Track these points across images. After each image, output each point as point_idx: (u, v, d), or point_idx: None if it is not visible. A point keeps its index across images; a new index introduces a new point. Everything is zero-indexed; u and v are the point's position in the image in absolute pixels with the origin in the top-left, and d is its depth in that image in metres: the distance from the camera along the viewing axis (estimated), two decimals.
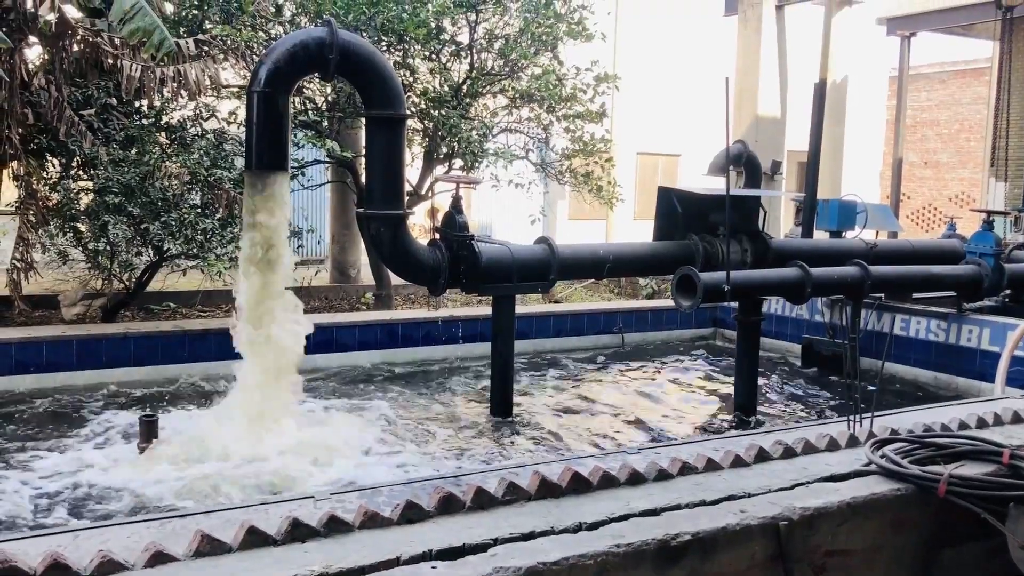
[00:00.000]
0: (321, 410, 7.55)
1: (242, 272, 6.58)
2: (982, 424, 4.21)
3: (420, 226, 15.62)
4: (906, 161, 19.13)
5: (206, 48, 9.38)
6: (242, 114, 8.88)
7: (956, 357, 9.08)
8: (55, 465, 6.11)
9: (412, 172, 11.13)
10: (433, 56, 11.01)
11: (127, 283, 9.75)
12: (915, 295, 9.85)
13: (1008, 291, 9.55)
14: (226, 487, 5.61)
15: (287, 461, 6.05)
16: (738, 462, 3.47)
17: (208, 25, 9.89)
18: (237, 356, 6.70)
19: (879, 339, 9.48)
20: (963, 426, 4.15)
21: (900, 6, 16.90)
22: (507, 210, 17.48)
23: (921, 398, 8.52)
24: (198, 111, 9.92)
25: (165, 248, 9.29)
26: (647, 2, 20.04)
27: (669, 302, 8.39)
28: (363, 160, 8.07)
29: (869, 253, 8.89)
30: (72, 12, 8.82)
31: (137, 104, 9.50)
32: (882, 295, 9.56)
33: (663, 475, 3.28)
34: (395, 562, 2.50)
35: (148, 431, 6.20)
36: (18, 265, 9.00)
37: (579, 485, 3.10)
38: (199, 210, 9.02)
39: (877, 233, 12.72)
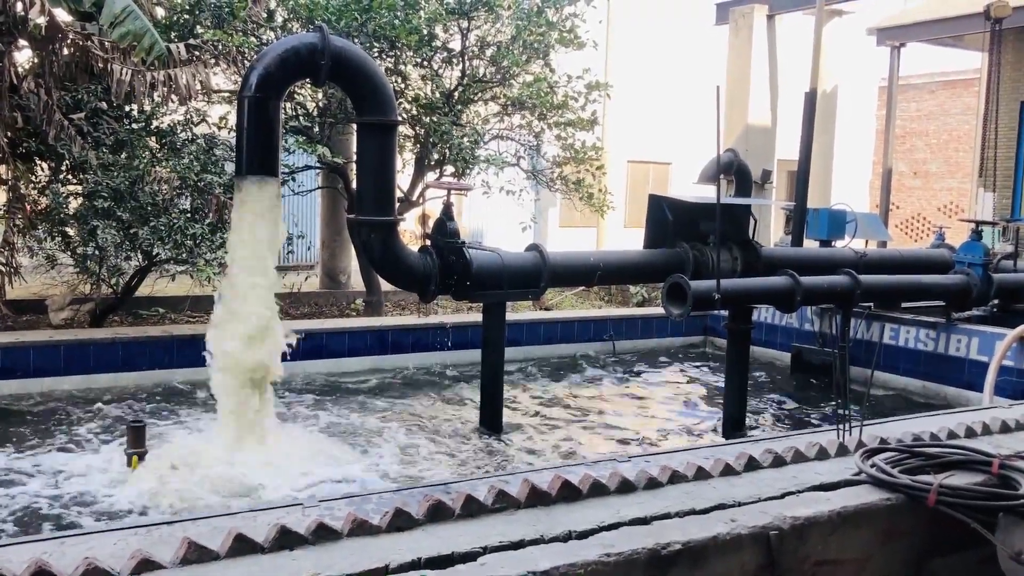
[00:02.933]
0: (306, 418, 7.52)
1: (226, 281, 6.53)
2: (971, 434, 4.22)
3: (411, 232, 15.62)
4: (895, 171, 19.20)
5: (197, 53, 9.35)
6: (233, 119, 8.86)
7: (945, 366, 9.11)
8: (40, 470, 6.06)
9: (403, 178, 11.11)
10: (425, 63, 11.01)
11: (115, 288, 9.71)
12: (904, 304, 9.88)
13: (996, 301, 9.58)
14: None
15: (271, 473, 6.01)
16: (728, 471, 3.47)
17: (199, 30, 9.87)
18: None
19: (868, 348, 9.51)
20: (952, 435, 4.16)
21: (890, 17, 17.00)
22: (498, 217, 17.48)
23: (910, 407, 8.53)
24: (189, 116, 9.89)
25: (154, 253, 9.25)
26: (639, 11, 20.11)
27: (659, 310, 8.38)
28: (354, 166, 8.06)
29: (859, 262, 8.92)
30: (62, 15, 8.78)
31: (127, 108, 9.46)
32: (871, 304, 9.59)
33: (653, 483, 3.27)
34: (384, 570, 2.49)
35: (136, 437, 6.15)
36: (3, 270, 8.94)
37: (569, 493, 3.09)
38: (189, 215, 8.99)
39: (867, 242, 12.76)
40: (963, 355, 8.97)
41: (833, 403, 8.32)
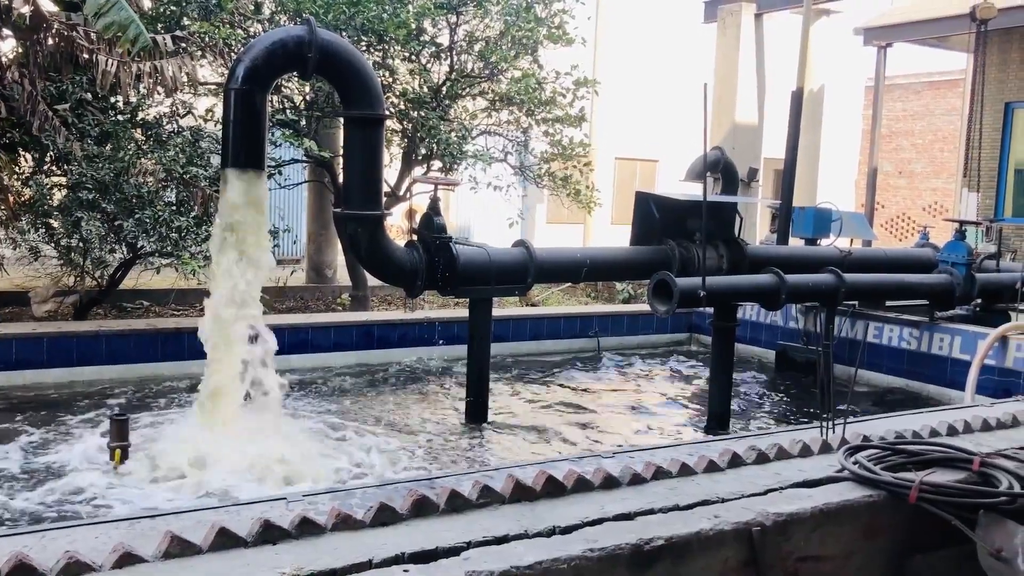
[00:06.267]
0: (291, 413, 7.49)
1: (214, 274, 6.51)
2: (953, 432, 4.24)
3: (398, 227, 15.59)
4: (881, 170, 19.29)
5: (184, 44, 9.28)
6: (219, 112, 8.81)
7: (927, 365, 9.18)
8: (23, 463, 6.02)
9: (390, 173, 11.07)
10: (413, 57, 10.98)
11: (100, 280, 9.64)
12: (888, 303, 9.94)
13: (979, 300, 9.66)
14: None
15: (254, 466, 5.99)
16: (712, 467, 3.48)
17: (186, 21, 9.80)
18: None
19: (852, 346, 9.56)
20: (934, 433, 4.18)
21: (877, 17, 17.06)
22: (485, 212, 17.46)
23: (893, 405, 8.59)
24: (174, 108, 9.84)
25: (139, 245, 9.20)
26: (627, 8, 20.11)
27: (645, 307, 8.41)
28: (341, 160, 8.03)
29: (843, 261, 8.96)
30: (47, 5, 8.70)
31: (113, 100, 9.39)
32: (856, 303, 9.64)
33: (637, 479, 3.28)
34: (367, 565, 2.48)
35: (119, 430, 6.12)
36: None
37: (553, 489, 3.09)
38: (174, 208, 8.94)
39: (851, 241, 12.82)
40: (946, 354, 9.03)
41: (817, 401, 8.36)
